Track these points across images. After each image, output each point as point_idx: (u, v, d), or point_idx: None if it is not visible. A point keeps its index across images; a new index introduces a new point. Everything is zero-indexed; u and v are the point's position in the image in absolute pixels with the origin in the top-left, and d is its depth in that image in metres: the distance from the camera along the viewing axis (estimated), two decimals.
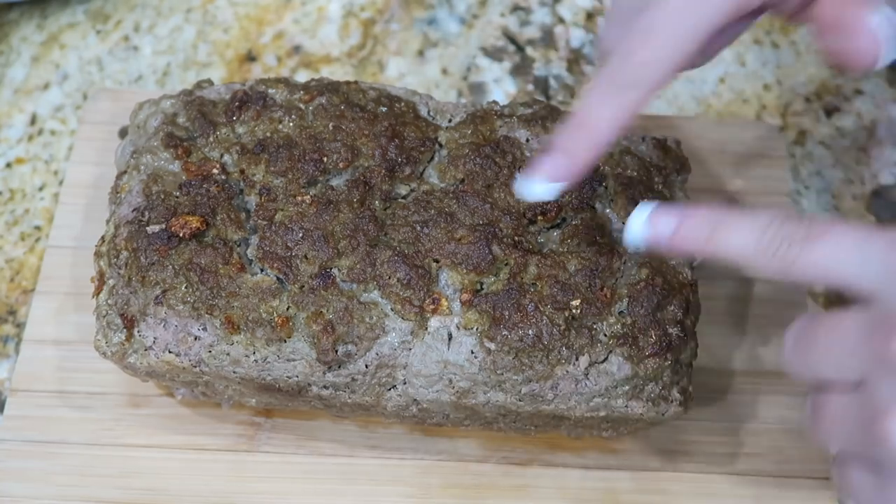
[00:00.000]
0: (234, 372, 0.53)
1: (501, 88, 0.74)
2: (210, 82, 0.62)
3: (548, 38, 0.76)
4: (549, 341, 0.52)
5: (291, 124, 0.58)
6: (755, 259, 0.42)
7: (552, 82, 0.74)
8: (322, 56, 0.75)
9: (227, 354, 0.52)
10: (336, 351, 0.52)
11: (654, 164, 0.58)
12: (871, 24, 0.42)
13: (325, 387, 0.53)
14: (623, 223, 0.55)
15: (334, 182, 0.56)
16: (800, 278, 0.42)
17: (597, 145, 0.46)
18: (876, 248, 0.40)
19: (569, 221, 0.55)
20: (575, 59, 0.75)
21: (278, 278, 0.53)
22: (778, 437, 0.60)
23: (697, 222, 0.44)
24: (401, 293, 0.52)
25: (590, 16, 0.77)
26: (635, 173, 0.57)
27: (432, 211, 0.55)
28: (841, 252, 0.41)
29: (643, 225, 0.46)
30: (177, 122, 0.58)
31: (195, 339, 0.52)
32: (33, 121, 0.72)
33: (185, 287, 0.53)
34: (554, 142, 0.47)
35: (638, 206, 0.47)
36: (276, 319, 0.52)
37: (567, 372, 0.52)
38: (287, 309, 0.52)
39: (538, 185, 0.47)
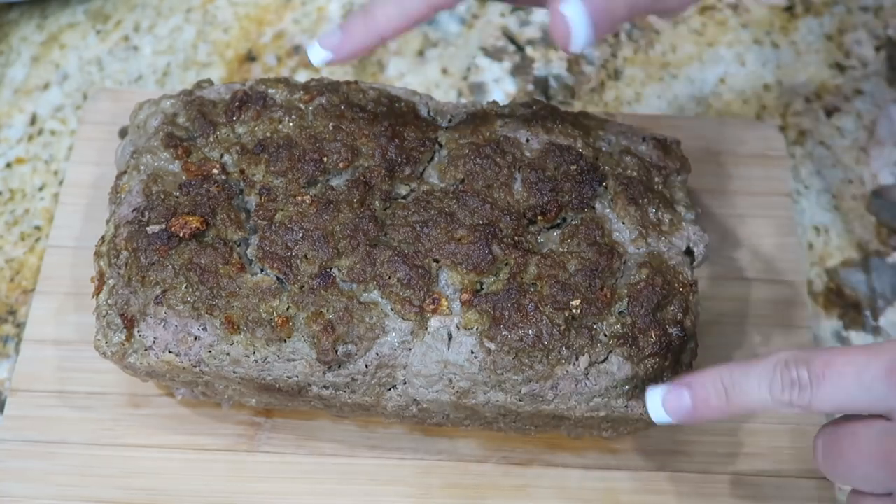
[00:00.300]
0: (234, 372, 0.53)
1: (501, 88, 0.74)
2: (210, 82, 0.62)
3: (548, 38, 0.76)
4: (549, 341, 0.52)
5: (291, 124, 0.58)
6: (776, 410, 0.46)
7: (552, 82, 0.74)
8: None
9: (227, 354, 0.52)
10: (336, 351, 0.52)
11: (654, 163, 0.58)
12: (563, 12, 0.48)
13: (325, 387, 0.53)
14: (623, 223, 0.55)
15: (334, 182, 0.56)
16: (821, 413, 0.47)
17: (372, 35, 0.51)
18: (874, 374, 0.44)
19: (569, 221, 0.55)
20: (575, 59, 0.75)
21: (278, 278, 0.53)
22: (778, 437, 0.60)
23: (710, 391, 0.48)
24: (401, 293, 0.52)
25: None
26: (635, 173, 0.57)
27: (432, 211, 0.55)
28: (844, 388, 0.45)
29: (661, 410, 0.49)
30: (177, 122, 0.58)
31: (195, 339, 0.52)
32: (33, 121, 0.72)
33: (185, 287, 0.53)
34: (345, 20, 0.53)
35: (647, 392, 0.50)
36: (276, 319, 0.52)
37: (567, 372, 0.52)
38: (287, 309, 0.52)
39: (314, 49, 0.52)
